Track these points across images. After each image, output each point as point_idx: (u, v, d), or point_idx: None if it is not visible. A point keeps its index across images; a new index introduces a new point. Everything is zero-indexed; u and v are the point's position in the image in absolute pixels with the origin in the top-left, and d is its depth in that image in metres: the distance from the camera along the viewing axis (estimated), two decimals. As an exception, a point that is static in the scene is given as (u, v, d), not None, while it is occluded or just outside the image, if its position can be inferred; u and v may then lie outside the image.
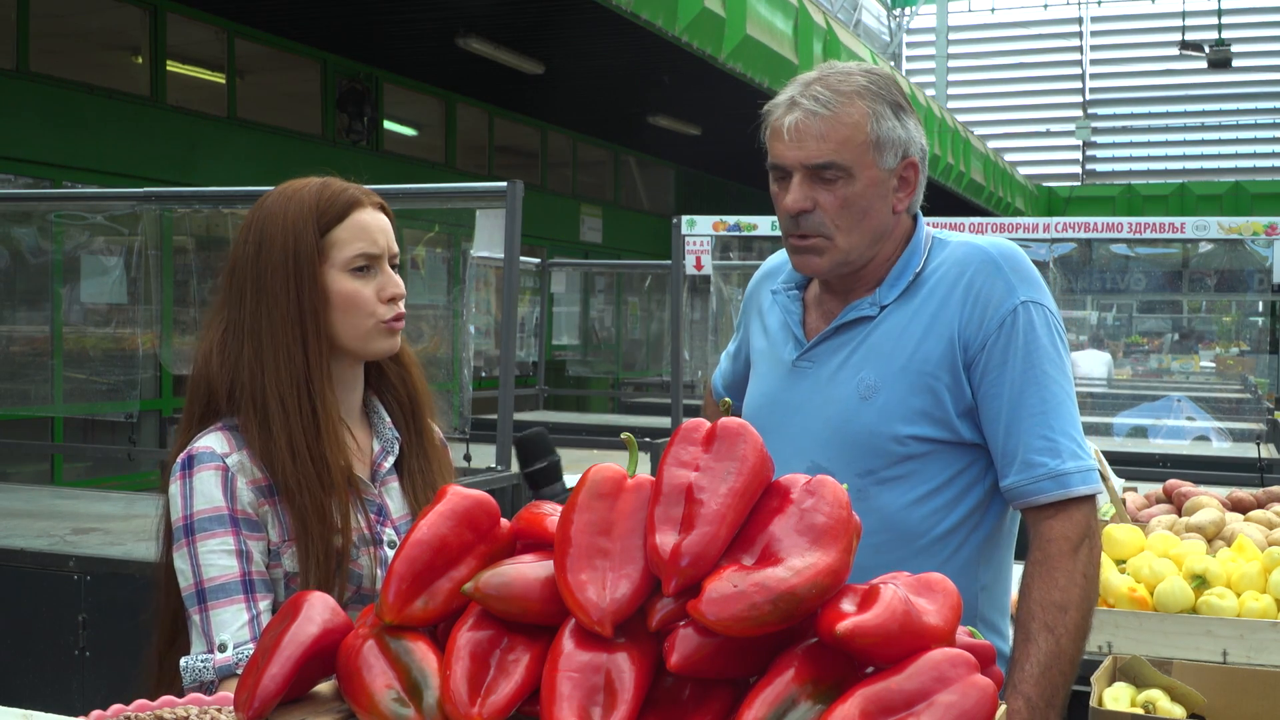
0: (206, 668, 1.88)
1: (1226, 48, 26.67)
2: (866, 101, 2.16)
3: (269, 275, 2.00)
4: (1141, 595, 3.08)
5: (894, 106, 2.19)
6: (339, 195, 2.04)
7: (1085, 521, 2.13)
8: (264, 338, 1.99)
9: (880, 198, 2.19)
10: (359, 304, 2.02)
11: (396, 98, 14.04)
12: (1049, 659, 2.05)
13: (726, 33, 11.33)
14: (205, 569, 1.90)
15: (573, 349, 17.43)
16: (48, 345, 8.43)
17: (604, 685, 1.23)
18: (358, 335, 2.03)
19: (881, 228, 2.22)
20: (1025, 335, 2.15)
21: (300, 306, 1.99)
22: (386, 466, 2.12)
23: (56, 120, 9.76)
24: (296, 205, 2.03)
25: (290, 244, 2.00)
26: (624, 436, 1.45)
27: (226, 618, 1.90)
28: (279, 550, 1.96)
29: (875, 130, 2.16)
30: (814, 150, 2.15)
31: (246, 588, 1.91)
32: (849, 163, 2.15)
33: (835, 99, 2.15)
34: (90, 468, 10.07)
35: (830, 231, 2.18)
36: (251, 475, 1.96)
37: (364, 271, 2.04)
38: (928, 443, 2.17)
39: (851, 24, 28.23)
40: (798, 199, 2.17)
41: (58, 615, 4.17)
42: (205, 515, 1.92)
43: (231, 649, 1.88)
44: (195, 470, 1.94)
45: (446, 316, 6.44)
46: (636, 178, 20.12)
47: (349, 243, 2.03)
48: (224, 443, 1.97)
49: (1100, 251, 12.92)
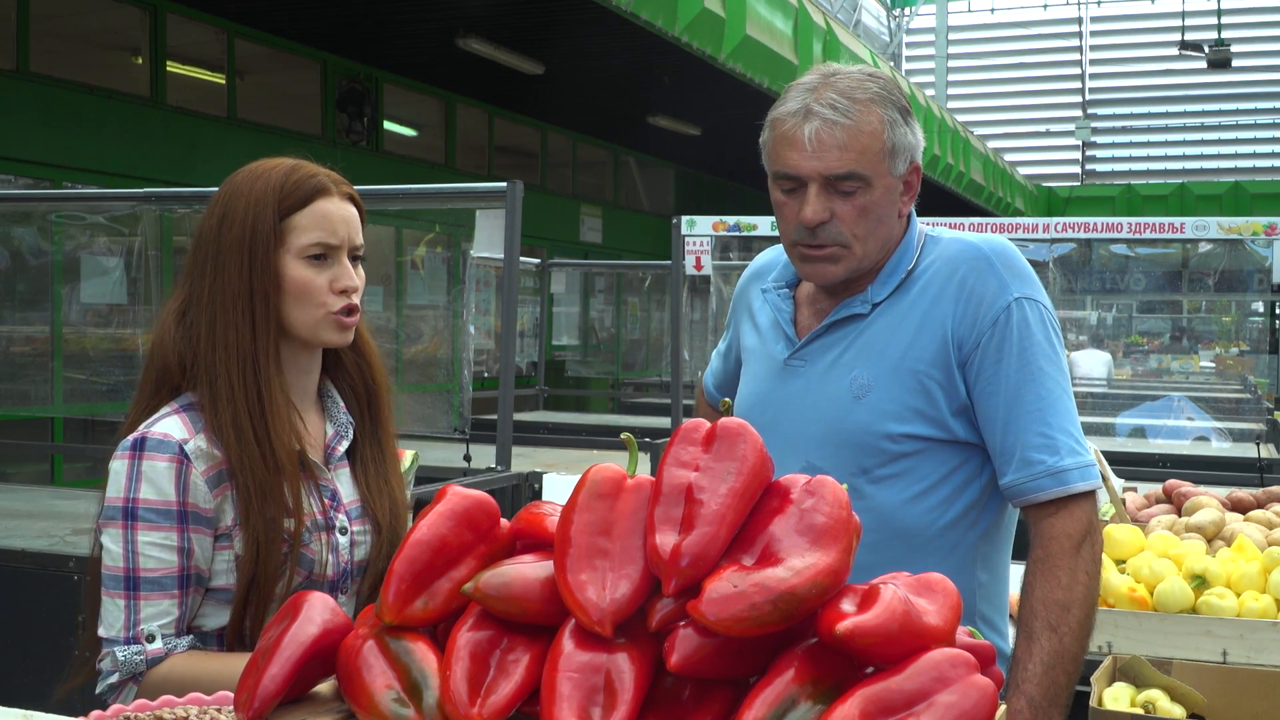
0: (140, 660, 1.88)
1: (1226, 48, 26.66)
2: (880, 108, 2.13)
3: (226, 253, 1.99)
4: (1141, 595, 3.08)
5: (903, 111, 2.17)
6: (305, 181, 2.02)
7: (1086, 518, 2.12)
8: (218, 314, 1.98)
9: (891, 204, 2.18)
10: (310, 293, 2.00)
11: (396, 98, 14.04)
12: (1052, 658, 2.04)
13: (726, 33, 11.33)
14: (142, 559, 1.89)
15: (573, 349, 17.43)
16: (48, 346, 8.43)
17: (604, 685, 1.24)
18: (307, 324, 2.01)
19: (891, 233, 2.21)
20: (1020, 332, 2.14)
21: (251, 287, 1.98)
22: (339, 451, 2.10)
23: (56, 121, 9.76)
24: (261, 185, 2.02)
25: (249, 224, 1.99)
26: (624, 437, 1.45)
27: (158, 609, 1.89)
28: (231, 533, 1.94)
29: (891, 138, 2.13)
30: (835, 161, 2.10)
31: (182, 583, 1.91)
32: (868, 172, 2.12)
33: (854, 107, 2.11)
34: (90, 468, 10.05)
35: (848, 240, 2.15)
36: (211, 460, 1.94)
37: (319, 260, 2.01)
38: (921, 441, 2.17)
39: (851, 24, 28.25)
40: (817, 210, 2.12)
41: (57, 616, 4.16)
42: (152, 506, 1.90)
43: (160, 640, 1.89)
44: (146, 455, 1.92)
45: (446, 317, 6.45)
46: (636, 178, 20.12)
47: (307, 230, 2.00)
48: (182, 427, 1.94)
49: (1100, 251, 12.93)
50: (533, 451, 7.46)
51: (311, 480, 2.02)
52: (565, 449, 7.74)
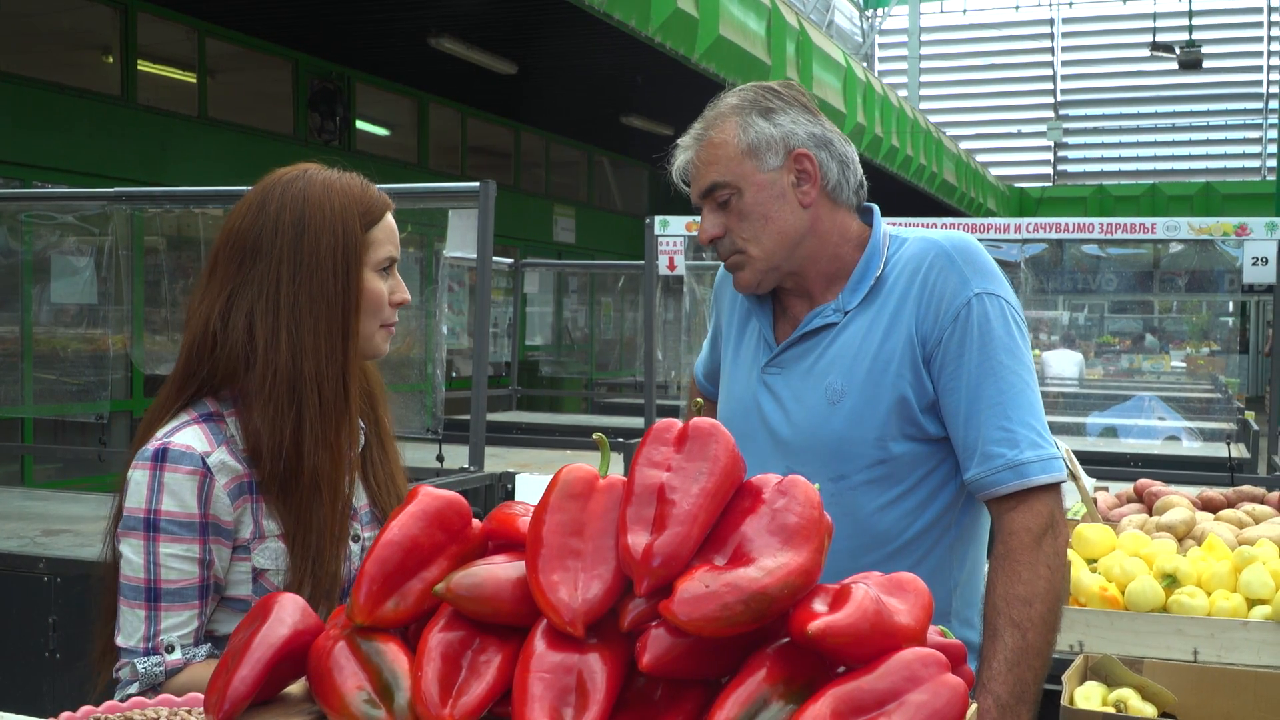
0: (160, 671, 1.88)
1: (1197, 49, 26.83)
2: (733, 117, 2.23)
3: (315, 263, 1.97)
4: (1112, 594, 3.10)
5: (762, 111, 2.22)
6: (377, 196, 2.07)
7: (1047, 511, 2.12)
8: (304, 325, 1.96)
9: (776, 198, 2.21)
10: (380, 305, 2.05)
11: (368, 97, 14.00)
12: (1016, 654, 2.04)
13: (699, 33, 11.34)
14: (164, 570, 1.89)
15: (546, 349, 17.41)
16: (17, 346, 8.37)
17: (576, 686, 1.23)
18: (368, 334, 2.05)
19: (793, 227, 2.22)
20: (980, 327, 2.15)
21: (345, 299, 1.99)
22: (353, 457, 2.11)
23: (26, 120, 9.70)
24: (342, 198, 2.02)
25: (339, 235, 1.99)
26: (596, 437, 1.45)
27: (180, 620, 1.90)
28: (249, 546, 1.95)
29: (743, 139, 2.21)
30: (701, 180, 2.25)
31: (202, 594, 1.92)
32: (730, 178, 2.21)
33: (705, 129, 2.26)
34: (61, 469, 10.01)
35: (741, 246, 2.24)
36: (233, 473, 1.93)
37: (385, 273, 2.06)
38: (897, 443, 2.18)
39: (824, 25, 28.29)
40: (707, 229, 2.27)
41: (28, 617, 4.14)
42: (174, 518, 1.89)
43: (179, 650, 1.89)
44: (168, 468, 1.90)
45: (419, 317, 6.41)
46: (610, 178, 20.11)
47: (382, 244, 2.05)
48: (203, 439, 1.93)
49: (1071, 252, 12.98)
50: (506, 452, 7.46)
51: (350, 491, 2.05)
52: (538, 449, 7.74)
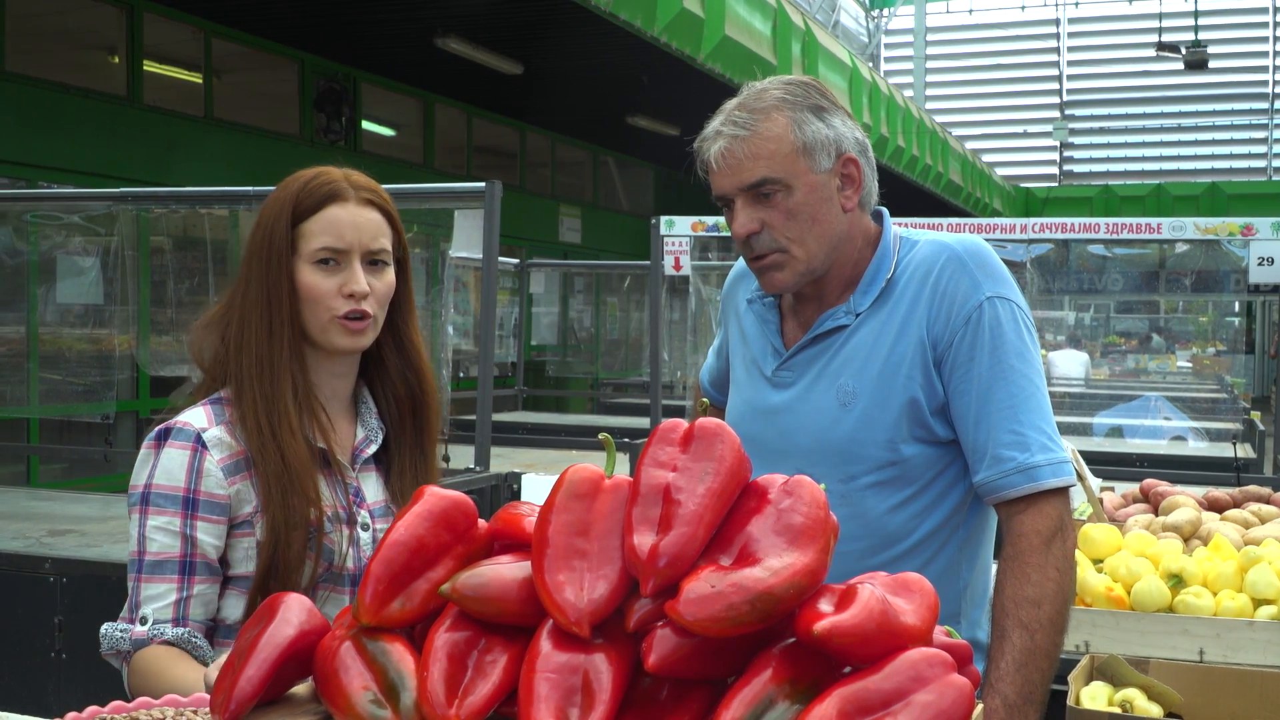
0: (124, 638, 1.96)
1: (1203, 49, 26.82)
2: (785, 112, 2.18)
3: (251, 260, 2.09)
4: (1118, 594, 3.09)
5: (814, 110, 2.19)
6: (319, 188, 2.08)
7: (1057, 515, 2.13)
8: (246, 318, 2.07)
9: (824, 201, 2.19)
10: (316, 297, 2.06)
11: (374, 98, 14.01)
12: (1024, 656, 2.05)
13: (705, 33, 11.34)
14: (148, 542, 1.98)
15: (552, 349, 17.41)
16: (23, 346, 8.38)
17: (582, 686, 1.23)
18: (318, 327, 2.08)
19: (836, 231, 2.22)
20: (991, 330, 2.15)
21: (269, 292, 2.06)
22: (366, 454, 2.16)
23: (32, 120, 9.71)
24: (282, 194, 2.10)
25: (267, 231, 2.08)
26: (601, 437, 1.45)
27: (156, 592, 1.97)
28: (252, 520, 2.01)
29: (800, 137, 2.16)
30: (747, 172, 2.17)
31: (184, 569, 1.97)
32: (782, 175, 2.16)
33: (753, 118, 2.18)
34: (66, 469, 10.02)
35: (783, 245, 2.18)
36: (230, 449, 2.02)
37: (327, 265, 2.06)
38: (907, 445, 2.18)
39: (830, 25, 28.29)
40: (744, 222, 2.18)
41: (34, 618, 4.14)
42: (162, 491, 1.98)
43: (151, 624, 1.95)
44: (166, 444, 2.01)
45: (425, 317, 6.42)
46: (615, 178, 20.11)
47: (316, 236, 2.06)
48: (204, 417, 2.03)
49: (1077, 252, 12.99)
50: (511, 452, 7.46)
51: (338, 476, 2.09)
52: (544, 449, 7.74)
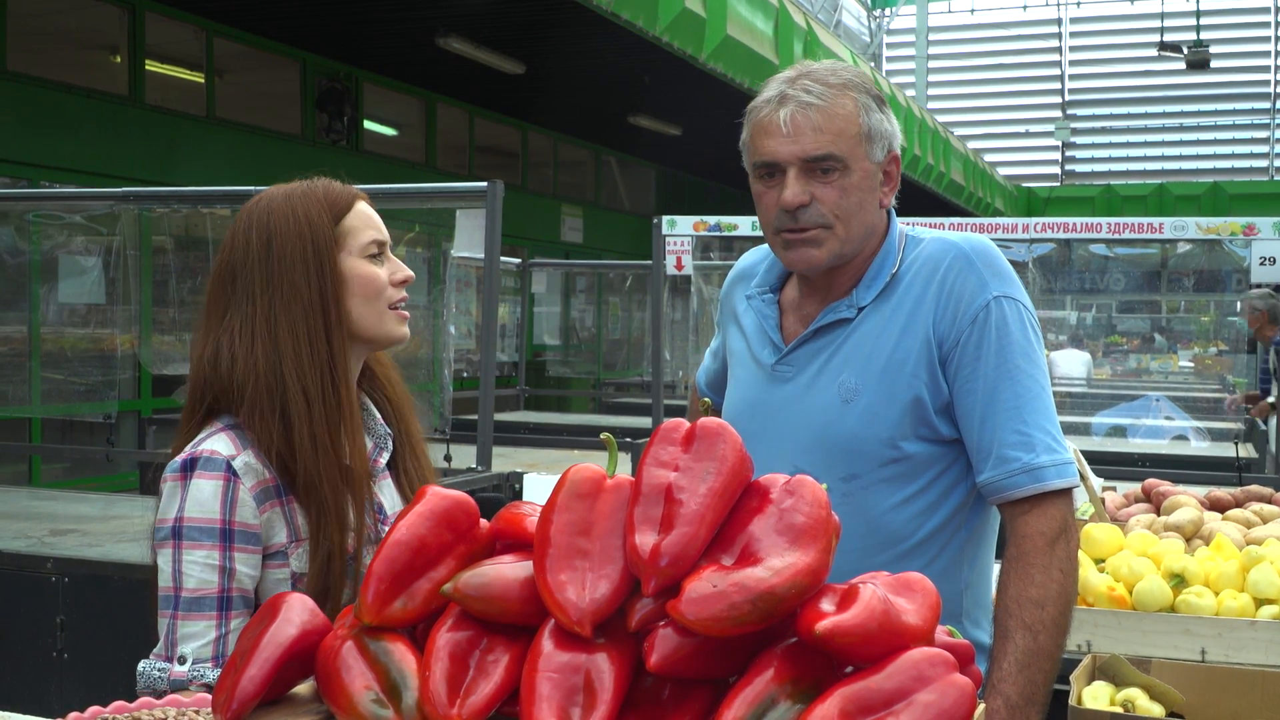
0: (162, 678, 1.87)
1: (1205, 49, 26.79)
2: (855, 93, 2.15)
3: (284, 268, 2.00)
4: (1120, 594, 3.09)
5: (878, 100, 2.19)
6: (343, 189, 2.09)
7: (1061, 516, 2.12)
8: (281, 332, 1.98)
9: (870, 191, 2.18)
10: (376, 286, 2.05)
11: (376, 97, 14.01)
12: (1027, 656, 2.04)
13: (707, 33, 11.34)
14: (185, 578, 1.89)
15: (553, 349, 17.42)
16: (25, 346, 8.39)
17: (583, 685, 1.23)
18: (374, 319, 2.05)
19: (872, 222, 2.21)
20: (998, 330, 2.15)
21: (323, 294, 2.00)
22: (381, 464, 2.12)
23: (34, 120, 9.72)
24: (303, 199, 2.05)
25: (306, 234, 2.01)
26: (603, 437, 1.45)
27: (195, 631, 1.88)
28: (286, 551, 1.95)
29: (866, 122, 2.15)
30: (811, 143, 2.11)
31: (222, 605, 1.90)
32: (845, 154, 2.13)
33: (828, 91, 2.13)
34: (68, 469, 10.03)
35: (829, 221, 2.14)
36: (259, 476, 1.94)
37: (376, 258, 2.07)
38: (910, 443, 2.17)
39: (832, 25, 28.29)
40: (796, 193, 2.12)
41: (36, 617, 4.15)
42: (197, 524, 1.90)
43: (190, 664, 1.87)
44: (195, 475, 1.92)
45: (427, 317, 6.43)
46: (617, 178, 20.11)
47: (361, 229, 2.06)
48: (229, 444, 1.95)
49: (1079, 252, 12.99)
50: (513, 451, 7.47)
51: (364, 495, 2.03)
52: (546, 449, 7.74)
